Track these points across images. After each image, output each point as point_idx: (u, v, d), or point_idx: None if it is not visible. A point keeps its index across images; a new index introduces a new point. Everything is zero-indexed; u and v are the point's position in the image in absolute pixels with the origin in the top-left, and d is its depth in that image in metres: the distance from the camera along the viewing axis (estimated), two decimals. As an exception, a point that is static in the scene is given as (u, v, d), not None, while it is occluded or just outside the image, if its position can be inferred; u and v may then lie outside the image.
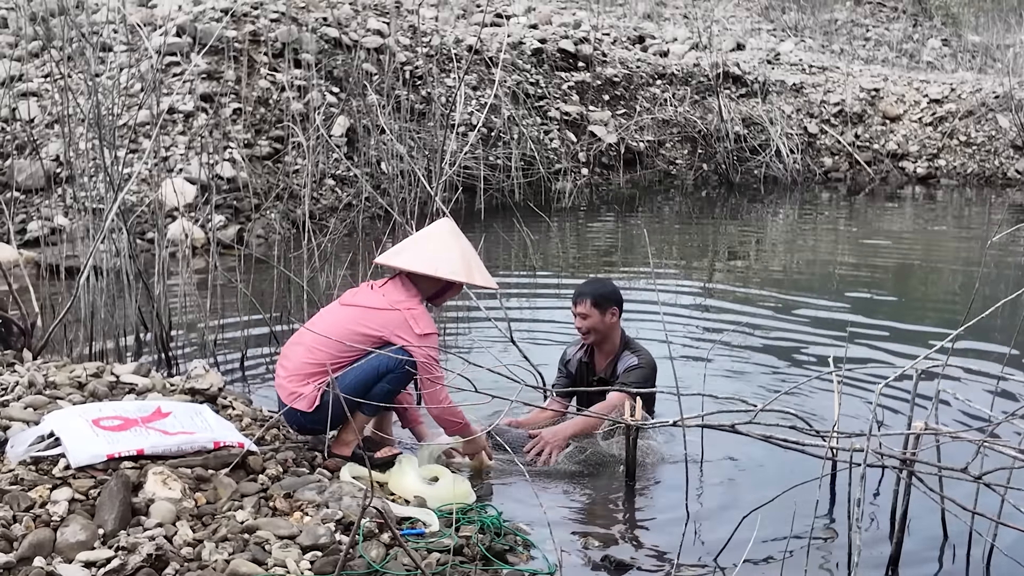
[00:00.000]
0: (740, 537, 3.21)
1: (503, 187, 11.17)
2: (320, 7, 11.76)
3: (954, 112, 14.78)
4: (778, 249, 10.26)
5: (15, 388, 3.77)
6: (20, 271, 5.16)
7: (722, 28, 17.69)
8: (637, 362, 4.49)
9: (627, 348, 4.57)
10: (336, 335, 3.72)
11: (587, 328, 4.52)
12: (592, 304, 4.47)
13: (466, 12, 14.12)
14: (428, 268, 3.79)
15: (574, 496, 3.92)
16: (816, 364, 5.57)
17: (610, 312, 4.50)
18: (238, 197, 9.06)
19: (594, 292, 4.51)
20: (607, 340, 4.56)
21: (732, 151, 13.81)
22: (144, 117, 8.58)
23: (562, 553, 3.25)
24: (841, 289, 7.81)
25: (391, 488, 3.61)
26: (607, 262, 9.11)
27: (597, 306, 4.48)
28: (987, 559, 3.31)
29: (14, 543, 2.70)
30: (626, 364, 4.51)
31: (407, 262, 3.83)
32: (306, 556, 2.85)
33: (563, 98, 13.15)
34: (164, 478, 3.07)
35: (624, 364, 4.52)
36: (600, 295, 4.50)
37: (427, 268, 3.79)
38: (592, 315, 4.48)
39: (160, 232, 5.70)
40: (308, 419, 3.75)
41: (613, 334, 4.56)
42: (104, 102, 5.58)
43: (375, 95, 9.75)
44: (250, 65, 10.38)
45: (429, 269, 3.79)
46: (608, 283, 4.72)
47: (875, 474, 3.79)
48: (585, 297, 4.48)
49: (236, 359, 5.48)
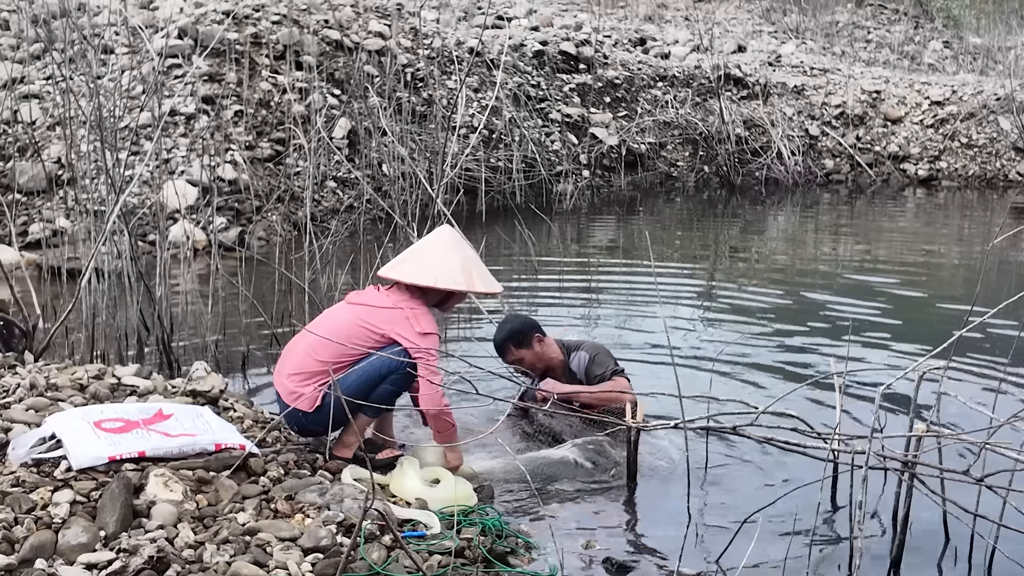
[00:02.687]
0: (742, 539, 3.21)
1: (504, 189, 11.17)
2: (321, 9, 11.77)
3: (955, 114, 14.77)
4: (779, 251, 10.26)
5: (16, 390, 3.77)
6: (22, 273, 5.16)
7: (723, 30, 17.69)
8: (587, 355, 4.50)
9: (569, 352, 4.58)
10: (340, 333, 3.72)
11: (530, 366, 4.51)
12: (515, 347, 4.46)
13: (467, 14, 14.13)
14: (427, 280, 3.78)
15: (575, 498, 3.91)
16: (817, 366, 5.56)
17: (535, 341, 4.48)
18: (239, 199, 9.06)
19: (509, 337, 4.47)
20: (551, 362, 4.55)
21: (733, 153, 13.81)
22: (145, 119, 8.58)
23: (563, 555, 3.24)
24: (842, 291, 7.81)
25: (392, 490, 3.61)
26: (608, 263, 9.11)
27: (520, 345, 4.46)
28: (989, 562, 3.30)
29: (15, 545, 2.70)
30: (580, 364, 4.52)
31: (407, 274, 3.83)
32: (307, 558, 2.85)
33: (564, 100, 13.15)
34: (165, 480, 3.07)
35: (578, 365, 4.52)
36: (514, 335, 4.47)
37: (426, 280, 3.78)
38: (524, 355, 4.47)
39: (161, 234, 5.70)
40: (309, 419, 3.75)
41: (552, 353, 4.55)
42: (106, 104, 5.59)
43: (376, 97, 9.75)
44: (251, 67, 10.39)
45: (428, 280, 3.78)
46: (511, 319, 4.70)
47: (877, 476, 3.78)
48: (507, 346, 4.46)
49: (238, 361, 5.49)
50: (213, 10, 11.07)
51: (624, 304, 7.21)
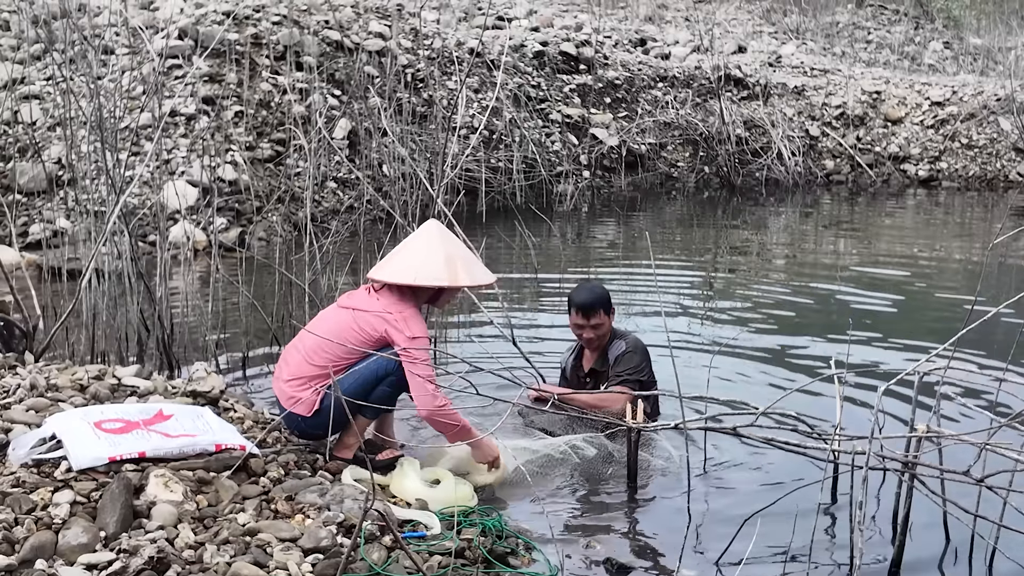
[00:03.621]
0: (742, 540, 3.21)
1: (505, 190, 11.17)
2: (322, 10, 11.77)
3: (956, 115, 14.78)
4: (780, 252, 10.26)
5: (17, 390, 3.77)
6: (22, 274, 5.16)
7: (723, 31, 17.70)
8: (625, 347, 4.49)
9: (614, 336, 4.58)
10: (333, 337, 3.71)
11: (595, 336, 4.50)
12: (605, 312, 4.46)
13: (468, 15, 14.13)
14: (407, 278, 3.76)
15: (576, 499, 3.91)
16: (818, 367, 5.56)
17: (613, 311, 4.51)
18: (240, 200, 9.06)
19: (600, 299, 4.47)
20: (604, 339, 4.57)
21: (733, 154, 13.81)
22: (146, 120, 8.59)
23: (564, 556, 3.25)
24: (843, 292, 7.81)
25: (393, 491, 3.61)
26: (609, 264, 9.10)
27: (607, 311, 4.48)
28: (989, 563, 3.30)
29: (16, 545, 2.70)
30: (615, 352, 4.51)
31: (390, 273, 3.80)
32: (307, 559, 2.85)
33: (564, 101, 13.15)
34: (166, 481, 3.07)
35: (614, 352, 4.51)
36: (605, 300, 4.49)
37: (406, 278, 3.76)
38: (604, 322, 4.47)
39: (162, 235, 5.70)
40: (308, 423, 3.75)
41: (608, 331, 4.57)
42: (106, 105, 5.58)
43: (377, 98, 9.76)
44: (252, 68, 10.39)
45: (408, 279, 3.76)
46: (598, 286, 4.73)
47: (877, 477, 3.78)
48: (597, 308, 4.44)
49: (238, 362, 5.49)
50: (213, 11, 11.07)
51: (624, 304, 7.20)
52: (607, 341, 4.56)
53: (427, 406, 3.68)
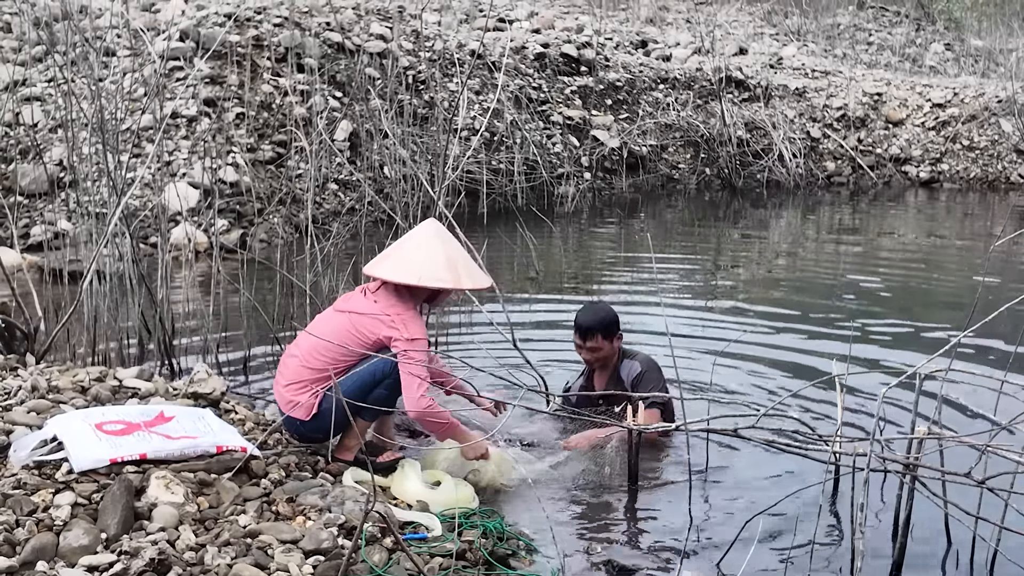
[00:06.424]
0: (743, 541, 3.20)
1: (506, 191, 11.17)
2: (323, 12, 11.78)
3: (957, 116, 14.77)
4: (781, 253, 10.26)
5: (18, 392, 3.77)
6: (23, 275, 5.16)
7: (725, 33, 17.70)
8: (641, 369, 4.41)
9: (624, 356, 4.52)
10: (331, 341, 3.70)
11: (596, 358, 4.44)
12: (603, 338, 4.38)
13: (469, 17, 14.14)
14: (411, 278, 3.71)
15: (577, 500, 3.91)
16: (819, 368, 5.56)
17: (617, 337, 4.43)
18: (241, 201, 9.07)
19: (601, 324, 4.38)
20: (611, 360, 4.50)
21: (735, 155, 13.80)
22: (147, 122, 8.59)
23: (565, 558, 3.25)
24: (844, 293, 7.80)
25: (393, 492, 3.61)
26: (610, 266, 9.10)
27: (607, 336, 4.38)
28: (991, 564, 3.30)
29: (17, 547, 2.70)
30: (630, 373, 4.42)
31: (389, 271, 3.76)
32: (308, 560, 2.85)
33: (566, 102, 13.15)
34: (167, 482, 3.07)
35: (628, 373, 4.44)
36: (606, 324, 4.39)
37: (410, 278, 3.72)
38: (604, 347, 4.40)
39: (163, 236, 5.71)
40: (307, 427, 3.75)
41: (616, 353, 4.51)
42: (107, 107, 5.59)
43: (378, 99, 9.76)
44: (253, 70, 10.40)
45: (412, 279, 3.71)
46: (604, 306, 4.62)
47: (878, 479, 3.78)
48: (595, 332, 4.36)
49: (239, 364, 5.49)
50: (215, 12, 11.08)
51: (624, 304, 7.20)
52: (616, 362, 4.49)
53: (415, 406, 3.66)
